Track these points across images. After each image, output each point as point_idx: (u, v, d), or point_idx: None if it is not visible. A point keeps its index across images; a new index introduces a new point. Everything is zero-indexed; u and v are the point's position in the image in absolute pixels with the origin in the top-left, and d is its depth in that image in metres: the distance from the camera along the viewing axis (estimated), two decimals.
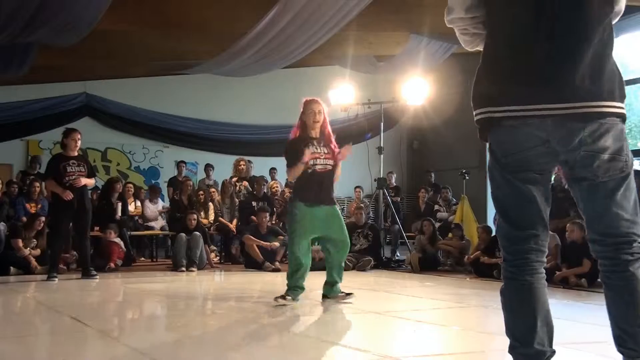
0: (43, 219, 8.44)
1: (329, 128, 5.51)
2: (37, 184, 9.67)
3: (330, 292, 5.43)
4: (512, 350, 2.25)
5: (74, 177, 7.49)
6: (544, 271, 2.25)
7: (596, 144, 2.08)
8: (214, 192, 11.09)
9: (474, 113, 2.30)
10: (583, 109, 2.06)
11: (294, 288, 5.23)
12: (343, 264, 5.50)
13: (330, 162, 5.34)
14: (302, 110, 5.51)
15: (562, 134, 2.09)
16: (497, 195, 2.27)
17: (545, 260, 2.25)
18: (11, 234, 8.32)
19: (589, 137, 2.08)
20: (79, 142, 7.71)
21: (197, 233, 8.96)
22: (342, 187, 5.72)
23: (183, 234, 8.92)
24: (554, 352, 2.22)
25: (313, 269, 6.69)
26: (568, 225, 7.13)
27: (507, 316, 2.27)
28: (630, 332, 2.11)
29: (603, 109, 2.07)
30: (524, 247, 2.21)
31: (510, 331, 2.26)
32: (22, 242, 8.14)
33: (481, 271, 7.96)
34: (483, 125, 2.25)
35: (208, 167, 12.42)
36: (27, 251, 8.15)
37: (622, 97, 2.11)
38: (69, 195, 7.35)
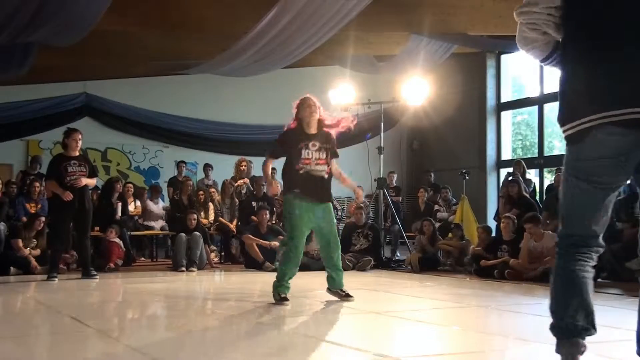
0: (43, 219, 8.44)
1: (328, 120, 5.51)
2: (37, 184, 9.67)
3: (331, 284, 5.52)
4: (551, 327, 2.46)
5: (75, 177, 7.48)
6: (593, 269, 2.46)
7: None
8: (213, 192, 11.09)
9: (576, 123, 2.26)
10: None
11: (287, 285, 5.29)
12: (335, 259, 5.45)
13: (324, 168, 5.31)
14: (295, 109, 5.53)
15: None
16: (569, 194, 2.38)
17: (596, 261, 2.47)
18: (11, 234, 8.32)
19: None
20: (80, 142, 7.71)
21: (197, 233, 8.96)
22: (342, 187, 5.72)
23: (183, 234, 8.93)
24: (588, 329, 2.45)
25: (315, 269, 6.70)
26: None
27: (552, 294, 2.47)
28: None
29: None
30: (581, 245, 2.40)
31: (552, 310, 2.46)
32: (21, 242, 8.14)
33: (483, 270, 7.94)
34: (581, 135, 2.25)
35: (207, 167, 12.42)
36: (27, 251, 8.15)
37: None
38: (68, 196, 7.35)
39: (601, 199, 2.28)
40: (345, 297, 5.41)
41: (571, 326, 2.37)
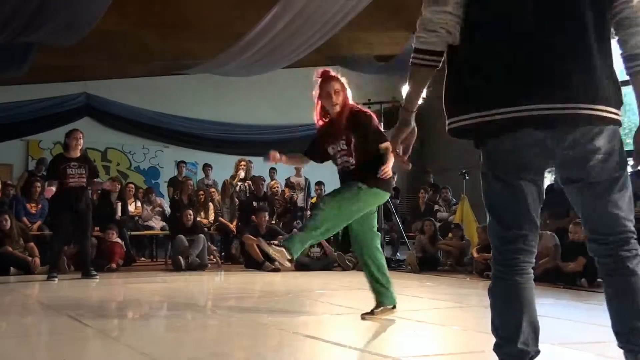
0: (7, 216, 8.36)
1: (354, 105, 4.55)
2: (38, 184, 9.67)
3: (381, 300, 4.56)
4: (497, 348, 2.25)
5: (74, 179, 7.51)
6: (532, 272, 2.25)
7: (589, 144, 2.10)
8: (213, 192, 11.09)
9: (455, 119, 2.26)
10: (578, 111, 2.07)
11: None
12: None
13: (350, 160, 4.40)
14: (316, 90, 4.54)
15: (557, 134, 2.11)
16: (489, 194, 2.28)
17: (533, 261, 2.25)
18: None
19: (582, 138, 2.09)
20: (81, 142, 7.72)
21: (201, 236, 8.94)
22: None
23: (181, 236, 8.86)
24: (538, 352, 2.24)
25: (315, 268, 6.70)
26: (571, 226, 7.10)
27: (493, 315, 2.26)
28: (631, 328, 2.13)
29: (598, 113, 2.08)
30: (512, 247, 2.21)
31: (496, 330, 2.25)
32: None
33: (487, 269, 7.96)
34: (479, 131, 2.23)
35: (206, 167, 12.41)
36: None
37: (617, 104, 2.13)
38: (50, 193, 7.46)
39: (520, 193, 2.21)
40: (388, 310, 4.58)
41: (524, 353, 2.18)
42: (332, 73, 4.57)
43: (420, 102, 2.56)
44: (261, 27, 8.88)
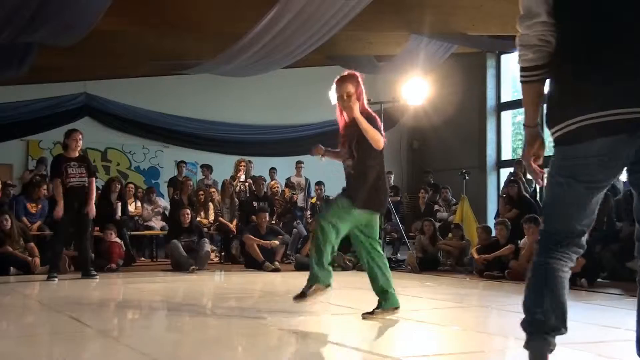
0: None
1: (366, 106, 4.59)
2: (43, 186, 9.66)
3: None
4: (522, 323, 2.44)
5: (74, 179, 7.53)
6: (570, 270, 2.43)
7: None
8: (214, 191, 11.08)
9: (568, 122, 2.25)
10: None
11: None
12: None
13: (350, 162, 4.49)
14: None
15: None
16: (554, 193, 2.38)
17: (575, 261, 2.45)
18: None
19: None
20: (80, 142, 7.73)
21: (205, 240, 8.91)
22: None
23: (175, 241, 8.84)
24: (559, 328, 2.42)
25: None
26: None
27: (526, 290, 2.45)
28: None
29: None
30: (562, 243, 2.38)
31: (525, 305, 2.44)
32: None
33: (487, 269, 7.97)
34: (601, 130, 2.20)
35: (204, 168, 12.40)
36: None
37: None
38: (59, 214, 7.44)
39: (585, 197, 2.30)
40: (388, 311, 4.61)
41: (542, 323, 2.37)
42: (347, 73, 4.68)
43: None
44: (261, 27, 8.87)
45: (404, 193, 13.45)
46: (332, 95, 4.61)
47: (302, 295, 4.44)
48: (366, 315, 4.46)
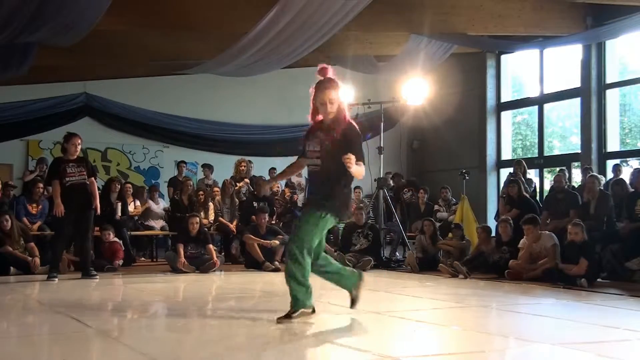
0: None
1: (346, 113, 4.55)
2: (40, 185, 9.67)
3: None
4: None
5: (74, 177, 7.53)
6: None
7: None
8: (217, 191, 11.04)
9: None
10: None
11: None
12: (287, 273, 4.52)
13: (317, 161, 4.48)
14: (312, 91, 4.56)
15: None
16: None
17: None
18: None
19: None
20: (79, 147, 7.73)
21: (211, 245, 8.86)
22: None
23: (174, 254, 8.76)
24: None
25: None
26: (570, 227, 7.08)
27: None
28: None
29: None
30: None
31: None
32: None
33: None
34: None
35: (205, 167, 12.40)
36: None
37: None
38: (59, 210, 7.42)
39: None
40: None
41: None
42: (330, 75, 4.55)
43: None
44: (261, 27, 8.88)
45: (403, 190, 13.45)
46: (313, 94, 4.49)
47: (287, 317, 4.40)
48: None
